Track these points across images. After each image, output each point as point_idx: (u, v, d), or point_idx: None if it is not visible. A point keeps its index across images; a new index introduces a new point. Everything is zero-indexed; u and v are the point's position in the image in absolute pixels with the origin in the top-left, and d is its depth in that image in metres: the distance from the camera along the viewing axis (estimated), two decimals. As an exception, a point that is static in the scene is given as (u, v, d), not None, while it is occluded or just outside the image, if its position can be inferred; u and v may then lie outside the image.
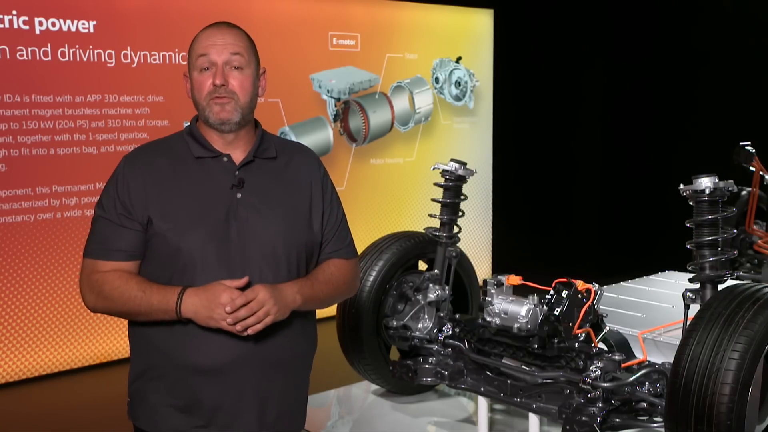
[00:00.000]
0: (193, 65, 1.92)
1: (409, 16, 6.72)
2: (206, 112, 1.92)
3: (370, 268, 3.61)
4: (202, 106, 1.92)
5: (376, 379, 3.81)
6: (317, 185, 2.05)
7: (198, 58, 1.90)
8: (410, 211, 6.76)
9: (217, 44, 1.90)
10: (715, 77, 6.89)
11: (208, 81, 1.89)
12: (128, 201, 1.88)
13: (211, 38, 1.91)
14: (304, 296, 1.92)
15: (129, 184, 1.90)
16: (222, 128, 1.92)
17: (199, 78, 1.91)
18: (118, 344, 5.17)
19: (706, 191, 2.81)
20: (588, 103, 7.88)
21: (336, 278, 2.04)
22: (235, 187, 1.93)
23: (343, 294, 2.12)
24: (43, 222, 4.84)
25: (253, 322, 1.80)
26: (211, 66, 1.89)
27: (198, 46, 1.92)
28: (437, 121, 7.00)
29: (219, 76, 1.88)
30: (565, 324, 3.03)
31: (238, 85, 1.91)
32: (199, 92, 1.91)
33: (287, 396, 2.01)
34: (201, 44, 1.91)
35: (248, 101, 1.94)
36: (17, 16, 4.64)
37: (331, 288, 2.03)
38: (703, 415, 2.32)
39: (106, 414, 4.10)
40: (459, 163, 3.62)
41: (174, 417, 1.92)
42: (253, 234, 1.90)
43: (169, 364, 1.90)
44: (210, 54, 1.89)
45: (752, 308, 2.43)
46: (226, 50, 1.90)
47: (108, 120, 5.04)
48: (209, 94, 1.90)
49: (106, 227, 1.91)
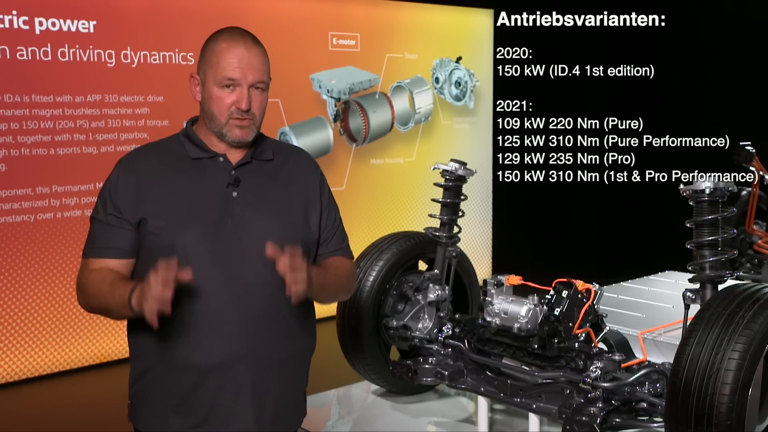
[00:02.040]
0: (214, 79, 1.90)
1: (409, 16, 6.73)
2: (224, 130, 1.92)
3: (370, 268, 3.61)
4: (221, 123, 1.92)
5: (376, 379, 3.81)
6: (314, 186, 2.06)
7: (223, 78, 1.89)
8: (410, 211, 6.76)
9: (245, 68, 1.89)
10: (715, 77, 6.89)
11: (229, 99, 1.89)
12: (119, 202, 1.89)
13: (238, 59, 1.89)
14: (318, 283, 1.89)
15: (121, 186, 1.90)
16: (236, 145, 1.95)
17: (221, 94, 1.90)
18: (118, 344, 5.17)
19: (706, 191, 2.81)
20: (588, 103, 7.88)
21: (342, 274, 2.06)
22: (231, 185, 1.93)
23: (345, 291, 2.13)
24: (43, 222, 4.84)
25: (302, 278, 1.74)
26: (235, 86, 1.89)
27: (224, 63, 1.89)
28: (437, 121, 7.00)
29: (245, 101, 1.89)
30: (565, 324, 3.03)
31: (258, 106, 1.93)
32: (219, 108, 1.91)
33: (285, 394, 2.01)
34: (227, 62, 1.89)
35: (262, 117, 1.97)
36: (17, 16, 4.64)
37: (338, 282, 2.04)
38: (703, 415, 2.32)
39: (106, 414, 4.10)
40: (459, 163, 3.62)
41: (172, 417, 1.92)
42: (248, 231, 1.90)
43: (166, 363, 1.90)
44: (236, 77, 1.88)
45: (752, 308, 2.43)
46: (253, 76, 1.90)
47: (108, 120, 5.05)
48: (230, 114, 1.90)
49: (98, 228, 1.93)
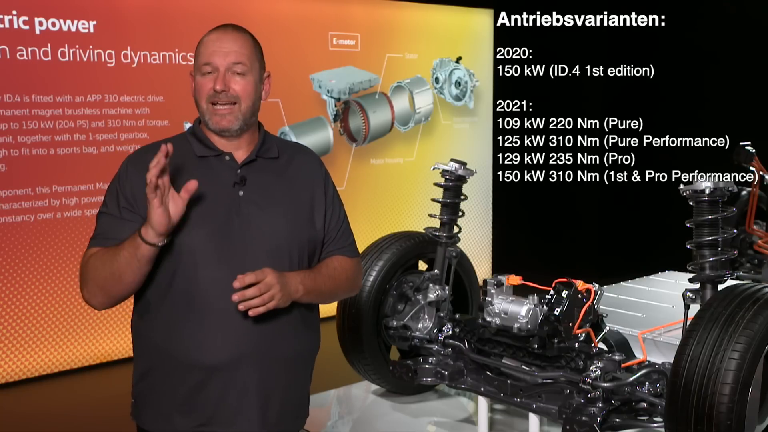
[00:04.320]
0: (197, 68, 1.94)
1: (409, 16, 6.72)
2: (206, 117, 1.94)
3: (370, 268, 3.61)
4: (203, 109, 1.94)
5: (376, 379, 3.81)
6: (319, 184, 2.06)
7: (202, 64, 1.92)
8: (410, 211, 6.76)
9: (221, 51, 1.91)
10: (715, 77, 6.89)
11: (208, 85, 1.91)
12: (131, 197, 1.89)
13: (216, 44, 1.92)
14: (306, 287, 1.92)
15: (132, 182, 1.90)
16: (222, 134, 1.95)
17: (201, 81, 1.92)
18: (118, 344, 5.17)
19: (706, 191, 2.81)
20: (588, 103, 7.88)
21: (339, 274, 2.05)
22: (237, 184, 1.94)
23: (345, 291, 2.13)
24: (43, 222, 4.84)
25: (257, 303, 1.79)
26: (213, 71, 1.91)
27: (204, 50, 1.93)
28: (437, 121, 7.00)
29: (219, 81, 1.90)
30: (565, 324, 3.03)
31: (241, 89, 1.92)
32: (200, 95, 1.93)
33: (290, 393, 2.01)
34: (207, 49, 1.92)
35: (250, 105, 1.95)
36: (17, 16, 4.64)
37: (334, 282, 2.04)
38: (703, 415, 2.32)
39: (107, 414, 4.10)
40: (459, 163, 3.62)
41: (177, 416, 1.92)
42: (255, 230, 1.91)
43: (171, 362, 1.90)
44: (213, 60, 1.91)
45: (752, 308, 2.43)
46: (229, 57, 1.91)
47: (108, 120, 5.04)
48: (209, 98, 1.92)
49: (108, 221, 1.91)
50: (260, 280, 1.79)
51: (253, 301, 1.79)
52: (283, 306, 1.86)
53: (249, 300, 1.79)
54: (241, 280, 1.77)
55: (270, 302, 1.81)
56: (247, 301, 1.79)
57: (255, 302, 1.79)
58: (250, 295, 1.78)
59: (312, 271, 1.99)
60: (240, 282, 1.77)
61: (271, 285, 1.80)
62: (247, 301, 1.78)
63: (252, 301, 1.79)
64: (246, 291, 1.78)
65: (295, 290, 1.89)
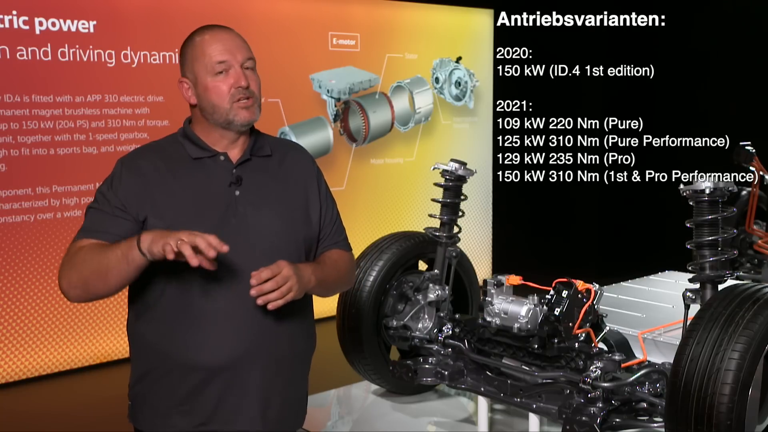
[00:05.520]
0: (205, 69, 1.91)
1: (409, 16, 6.72)
2: (230, 116, 1.92)
3: (370, 268, 3.61)
4: (225, 109, 1.92)
5: (376, 379, 3.81)
6: (312, 181, 2.08)
7: (216, 64, 1.90)
8: (410, 211, 6.76)
9: (231, 49, 1.92)
10: (715, 77, 6.89)
11: (226, 84, 1.91)
12: (125, 198, 1.89)
13: (223, 42, 1.92)
14: (317, 278, 1.93)
15: (126, 184, 1.90)
16: (243, 129, 1.95)
17: (216, 82, 1.91)
18: (118, 344, 5.17)
19: (706, 191, 2.81)
20: (588, 103, 7.88)
21: (339, 266, 2.08)
22: (234, 184, 1.94)
23: (345, 283, 2.16)
24: (43, 222, 4.84)
25: (276, 297, 1.79)
26: (229, 69, 1.91)
27: (210, 50, 1.91)
28: (437, 121, 7.00)
29: (243, 78, 1.91)
30: (565, 324, 3.03)
31: (255, 85, 1.95)
32: (218, 96, 1.91)
33: (289, 393, 2.02)
34: (213, 48, 1.91)
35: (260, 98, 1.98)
36: (17, 16, 4.64)
37: (337, 274, 2.06)
38: (703, 415, 2.32)
39: (106, 414, 4.10)
40: (459, 163, 3.62)
41: (175, 417, 1.92)
42: (252, 230, 1.91)
43: (170, 364, 1.90)
44: (227, 58, 1.91)
45: (752, 308, 2.43)
46: (240, 54, 1.92)
47: (108, 120, 5.04)
48: (233, 96, 1.91)
49: (98, 215, 1.90)
50: (276, 274, 1.78)
51: (272, 294, 1.78)
52: (299, 297, 1.85)
53: (267, 294, 1.78)
54: (258, 276, 1.76)
55: (288, 294, 1.80)
56: (266, 295, 1.78)
57: (274, 296, 1.78)
58: (268, 289, 1.77)
59: (318, 262, 2.01)
60: (257, 278, 1.76)
61: (288, 277, 1.80)
62: (265, 295, 1.78)
63: (270, 295, 1.78)
64: (264, 285, 1.77)
65: (308, 281, 1.89)
